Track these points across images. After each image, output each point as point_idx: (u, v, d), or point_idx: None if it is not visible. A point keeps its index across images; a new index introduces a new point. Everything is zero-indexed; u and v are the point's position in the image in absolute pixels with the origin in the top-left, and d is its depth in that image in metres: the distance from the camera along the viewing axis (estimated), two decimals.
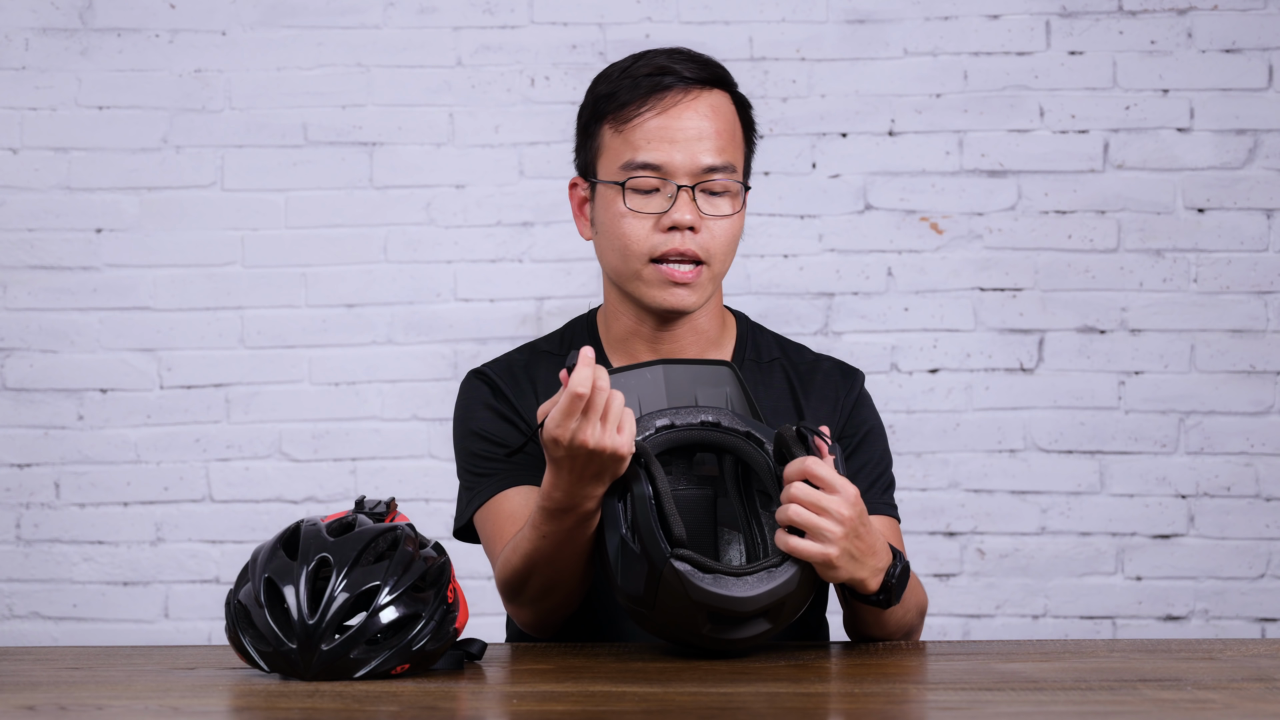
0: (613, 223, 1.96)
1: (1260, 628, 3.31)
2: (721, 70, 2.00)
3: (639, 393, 1.80)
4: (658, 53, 1.99)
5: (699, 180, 1.94)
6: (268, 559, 1.64)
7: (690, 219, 1.93)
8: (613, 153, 1.96)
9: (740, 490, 1.80)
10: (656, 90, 1.95)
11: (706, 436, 1.77)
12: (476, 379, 2.07)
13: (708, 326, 2.04)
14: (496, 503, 1.98)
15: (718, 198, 1.95)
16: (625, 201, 1.94)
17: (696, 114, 1.95)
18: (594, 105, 2.00)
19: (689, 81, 1.96)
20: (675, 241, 1.93)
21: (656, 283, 1.95)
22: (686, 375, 1.81)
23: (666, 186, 1.94)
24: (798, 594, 1.69)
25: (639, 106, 1.95)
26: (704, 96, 1.96)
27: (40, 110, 3.36)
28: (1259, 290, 3.30)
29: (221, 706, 1.54)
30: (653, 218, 1.94)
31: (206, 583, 3.35)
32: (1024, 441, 3.32)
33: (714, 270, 1.96)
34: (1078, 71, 3.32)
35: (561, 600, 1.88)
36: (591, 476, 1.72)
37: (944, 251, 3.33)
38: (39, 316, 3.35)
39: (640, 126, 1.94)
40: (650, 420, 1.76)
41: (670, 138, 1.94)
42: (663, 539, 1.68)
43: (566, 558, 1.81)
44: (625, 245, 1.95)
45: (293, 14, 3.36)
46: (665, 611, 1.69)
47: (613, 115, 1.96)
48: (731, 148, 1.97)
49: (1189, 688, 1.54)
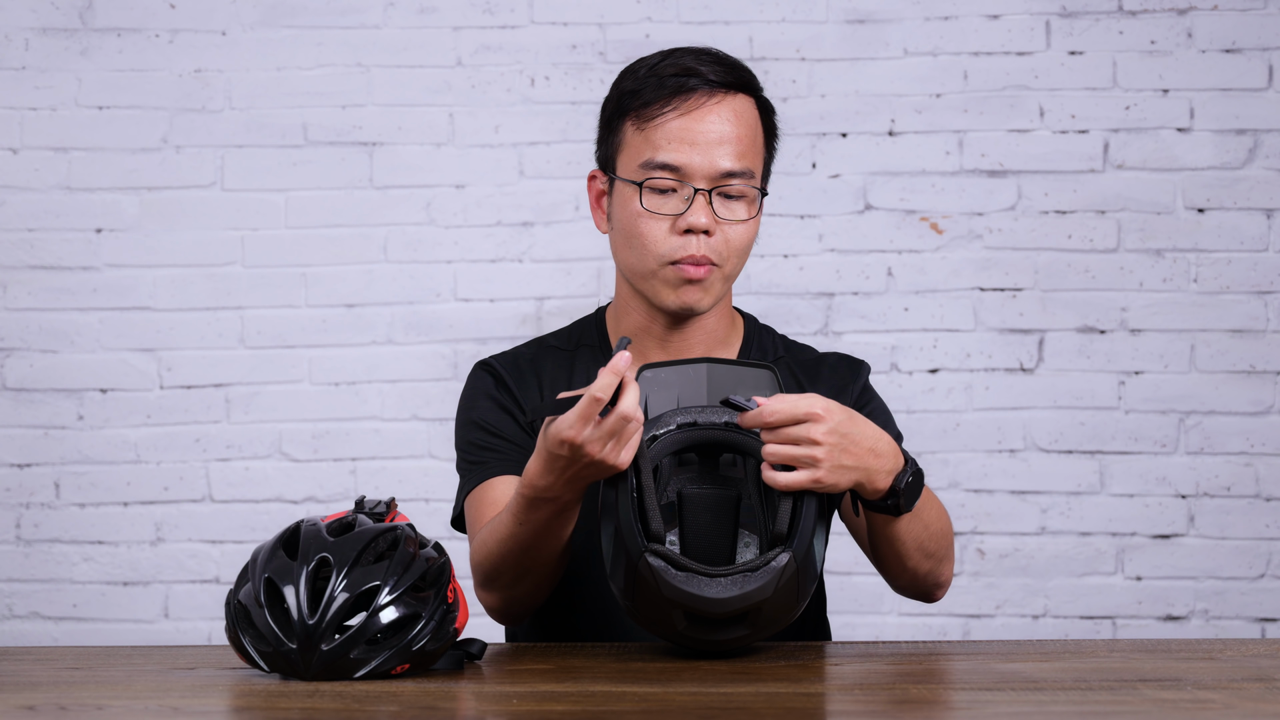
0: (629, 221, 1.96)
1: (1260, 628, 3.31)
2: (748, 74, 2.00)
3: (679, 389, 1.79)
4: (685, 52, 1.99)
5: (716, 184, 1.94)
6: (268, 559, 1.64)
7: (705, 222, 1.93)
8: (633, 150, 1.96)
9: (761, 494, 1.79)
10: (681, 91, 1.95)
11: (728, 437, 1.76)
12: (482, 370, 2.09)
13: (716, 326, 2.04)
14: (483, 489, 2.00)
15: (734, 202, 1.96)
16: (642, 200, 1.94)
17: (719, 118, 1.95)
18: (618, 100, 1.99)
19: (714, 85, 1.96)
20: (691, 247, 1.93)
21: (672, 282, 1.95)
22: (730, 376, 1.79)
23: (684, 188, 1.94)
24: (776, 600, 1.67)
25: (662, 106, 1.95)
26: (728, 100, 1.96)
27: (40, 110, 3.36)
28: (1259, 290, 3.30)
29: (221, 706, 1.54)
30: (668, 219, 1.94)
31: (206, 583, 3.35)
32: (1024, 441, 3.32)
33: (725, 271, 1.97)
34: (1078, 71, 3.32)
35: (530, 589, 1.89)
36: (582, 478, 1.73)
37: (944, 251, 3.33)
38: (39, 316, 3.35)
39: (662, 126, 1.94)
40: (672, 416, 1.76)
41: (691, 140, 1.94)
42: (640, 533, 1.68)
43: (540, 548, 1.82)
44: (641, 245, 1.95)
45: (293, 14, 3.36)
46: (645, 606, 1.69)
47: (635, 112, 1.96)
48: (751, 153, 1.97)
49: (1189, 688, 1.54)
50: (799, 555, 1.67)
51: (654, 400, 1.77)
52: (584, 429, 1.67)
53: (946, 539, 1.94)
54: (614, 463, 1.68)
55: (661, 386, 1.77)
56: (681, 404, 1.79)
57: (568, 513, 1.79)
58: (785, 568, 1.67)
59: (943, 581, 1.97)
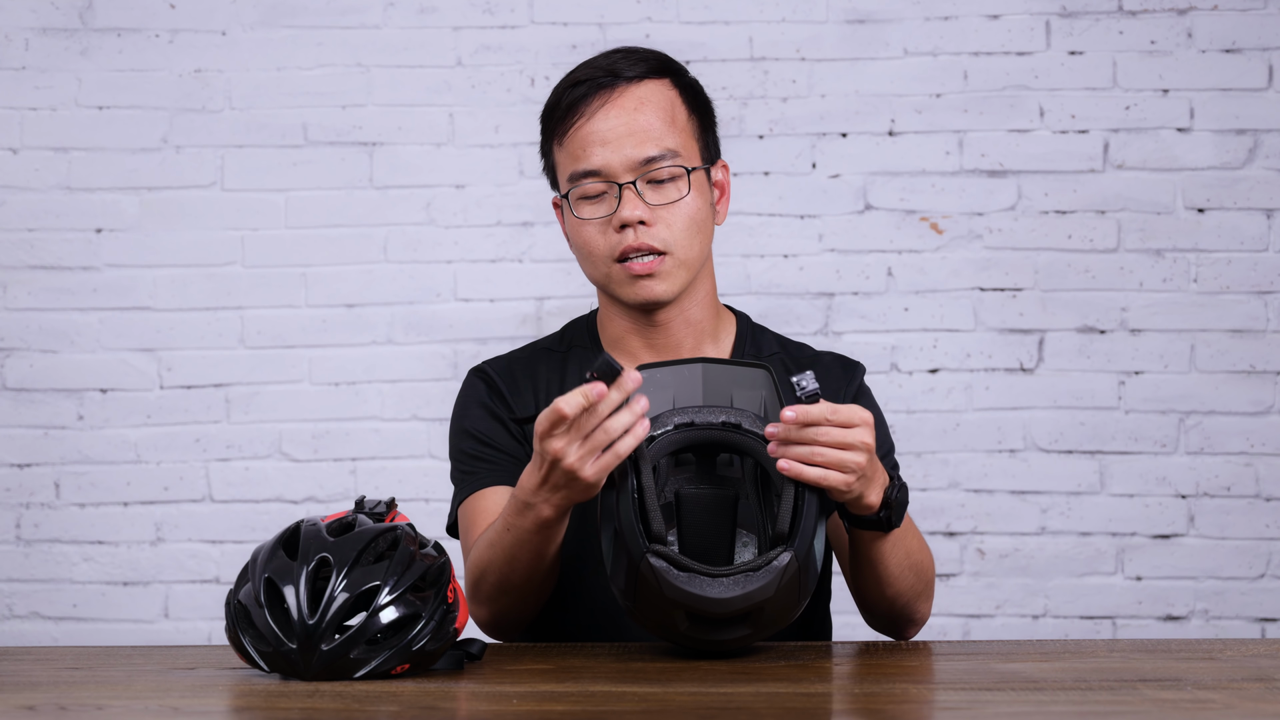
0: (575, 233, 2.01)
1: (1260, 628, 3.31)
2: (655, 60, 2.02)
3: (675, 390, 1.79)
4: (590, 61, 2.03)
5: (639, 173, 1.96)
6: (268, 559, 1.64)
7: (639, 213, 1.95)
8: (562, 167, 2.02)
9: (759, 493, 1.79)
10: (584, 97, 1.99)
11: (725, 437, 1.75)
12: (476, 377, 2.10)
13: (700, 317, 2.05)
14: (476, 499, 2.01)
15: (665, 185, 1.98)
16: (575, 211, 1.99)
17: (624, 110, 1.97)
18: (544, 125, 2.05)
19: (611, 82, 1.99)
20: (629, 239, 1.96)
21: (625, 280, 1.98)
22: (725, 376, 1.79)
23: (610, 188, 1.97)
24: (778, 600, 1.67)
25: (573, 117, 1.99)
26: (631, 90, 1.99)
27: (40, 110, 3.36)
28: (1259, 290, 3.30)
29: (221, 706, 1.54)
30: (604, 220, 1.97)
31: (206, 583, 3.35)
32: (1024, 441, 3.32)
33: (679, 257, 1.98)
34: (1078, 71, 3.32)
35: (515, 604, 1.90)
36: (554, 486, 1.73)
37: (944, 251, 3.33)
38: (39, 316, 3.35)
39: (575, 135, 1.99)
40: (669, 417, 1.76)
41: (601, 139, 1.97)
42: (641, 534, 1.68)
43: (522, 560, 1.83)
44: (589, 252, 2.00)
45: (293, 14, 3.36)
46: (646, 607, 1.69)
47: (555, 131, 2.02)
48: (670, 133, 1.98)
49: (1189, 688, 1.54)
50: (800, 554, 1.67)
51: (650, 401, 1.77)
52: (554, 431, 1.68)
53: (929, 573, 1.96)
54: (582, 474, 1.68)
55: (657, 387, 1.77)
56: (677, 404, 1.79)
57: (548, 531, 1.79)
58: (787, 567, 1.66)
59: (918, 619, 1.98)
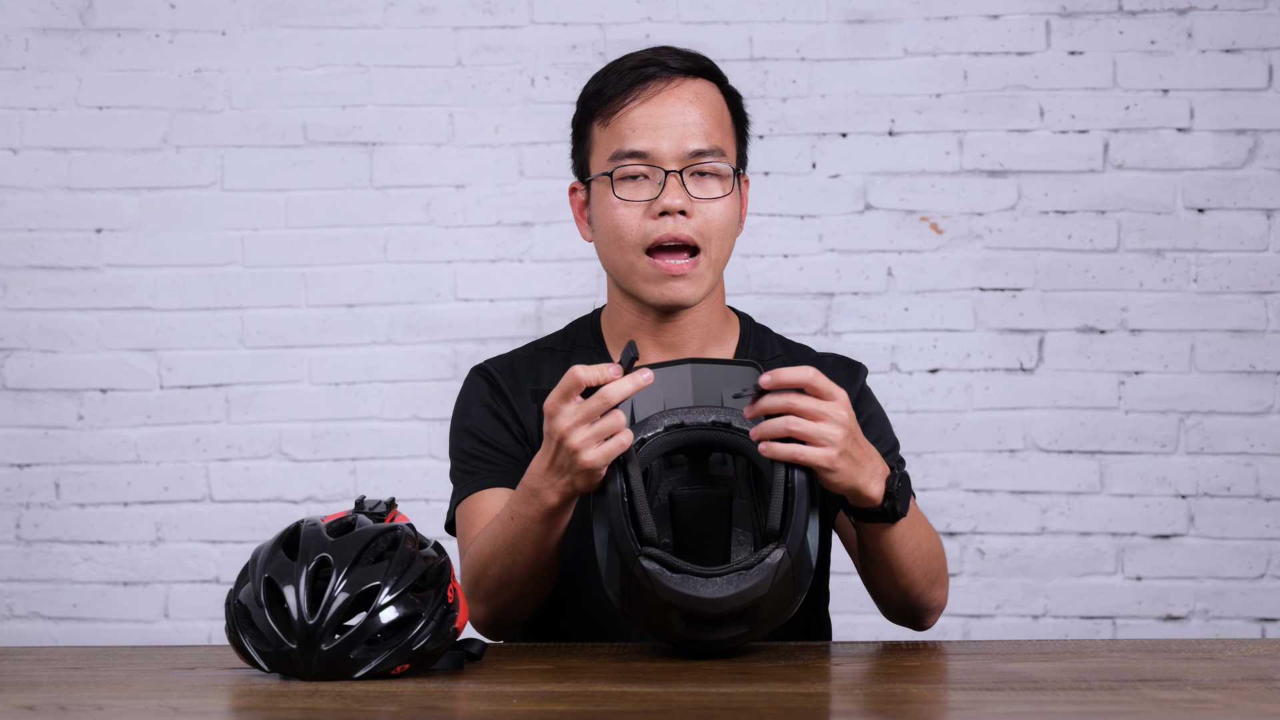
0: (605, 215, 1.97)
1: (1260, 628, 3.31)
2: (708, 62, 2.02)
3: (665, 391, 1.78)
4: (643, 50, 2.02)
5: (686, 164, 1.95)
6: (268, 559, 1.64)
7: (680, 203, 1.93)
8: (602, 147, 1.98)
9: (752, 491, 1.79)
10: (640, 81, 1.97)
11: (716, 437, 1.75)
12: (478, 375, 2.09)
13: (710, 320, 2.04)
14: (475, 500, 2.00)
15: (707, 179, 1.96)
16: (615, 191, 1.95)
17: (681, 100, 1.96)
18: (583, 106, 2.02)
19: (673, 71, 1.98)
20: (668, 227, 1.93)
21: (653, 278, 1.95)
22: (715, 376, 1.79)
23: (655, 173, 1.95)
24: (773, 597, 1.66)
25: (624, 99, 1.97)
26: (688, 84, 1.98)
27: (40, 110, 3.36)
28: (1259, 290, 3.30)
29: (221, 706, 1.54)
30: (643, 205, 1.94)
31: (206, 583, 3.35)
32: (1024, 441, 3.32)
33: (711, 257, 1.96)
34: (1078, 71, 3.32)
35: (514, 599, 1.88)
36: (560, 469, 1.72)
37: (944, 251, 3.33)
38: (39, 316, 3.35)
39: (625, 117, 1.96)
40: (659, 419, 1.75)
41: (655, 125, 1.95)
42: (633, 537, 1.67)
43: (525, 551, 1.81)
44: (619, 236, 1.95)
45: (293, 14, 3.36)
46: (641, 610, 1.69)
47: (600, 111, 1.99)
48: (719, 133, 1.97)
49: (1189, 688, 1.54)
50: (793, 550, 1.67)
51: (640, 403, 1.77)
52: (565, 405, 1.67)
53: (939, 560, 1.94)
54: (584, 454, 1.67)
55: (647, 390, 1.76)
56: (667, 406, 1.79)
57: (551, 520, 1.78)
58: (780, 564, 1.66)
59: (934, 606, 1.96)
